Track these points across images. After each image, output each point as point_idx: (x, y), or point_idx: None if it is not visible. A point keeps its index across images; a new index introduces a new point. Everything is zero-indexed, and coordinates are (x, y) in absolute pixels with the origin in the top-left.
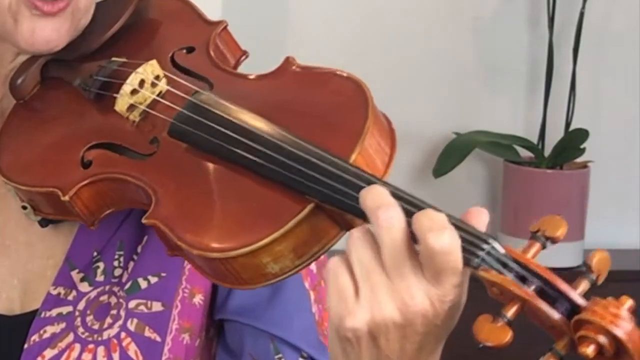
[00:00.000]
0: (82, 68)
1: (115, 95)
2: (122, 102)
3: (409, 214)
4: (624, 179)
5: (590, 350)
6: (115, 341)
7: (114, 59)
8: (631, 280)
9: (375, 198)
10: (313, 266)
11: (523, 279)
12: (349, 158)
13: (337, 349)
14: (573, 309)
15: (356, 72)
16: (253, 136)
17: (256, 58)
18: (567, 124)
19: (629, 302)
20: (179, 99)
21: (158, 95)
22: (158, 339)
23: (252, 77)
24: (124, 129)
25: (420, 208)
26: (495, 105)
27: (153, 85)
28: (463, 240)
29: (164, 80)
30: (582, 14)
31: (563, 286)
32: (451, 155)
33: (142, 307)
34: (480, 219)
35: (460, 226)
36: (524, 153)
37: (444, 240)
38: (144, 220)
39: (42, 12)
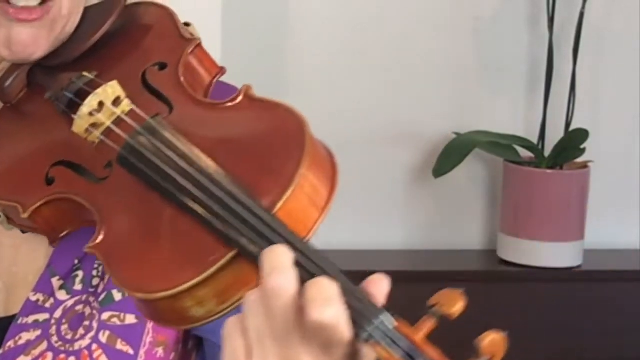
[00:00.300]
0: (59, 78)
1: (74, 116)
2: (79, 124)
3: (305, 280)
4: (624, 179)
5: None
6: (86, 352)
7: (84, 73)
8: (631, 280)
9: (270, 261)
10: None
11: (412, 358)
12: (275, 206)
13: None
14: None
15: (356, 71)
16: (187, 176)
17: (256, 58)
18: (567, 124)
19: None
20: (140, 120)
21: (118, 117)
22: (131, 351)
23: (209, 105)
24: (85, 149)
25: (326, 274)
26: (495, 105)
27: (116, 105)
28: (354, 312)
29: (126, 101)
30: (582, 14)
31: None
32: (451, 155)
33: (115, 320)
34: (380, 288)
35: (355, 296)
36: (524, 153)
37: (326, 314)
38: (85, 249)
39: (17, 20)
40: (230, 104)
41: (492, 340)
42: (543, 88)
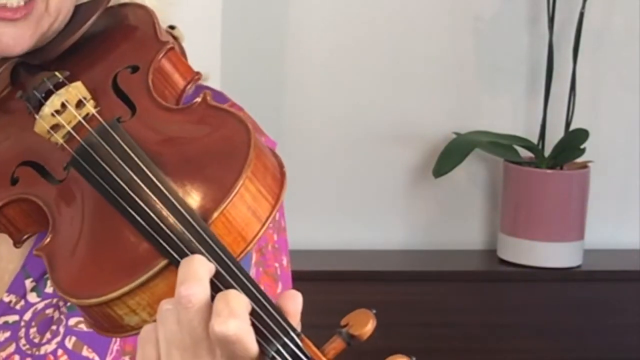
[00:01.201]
0: (36, 77)
1: (36, 116)
2: (40, 124)
3: (217, 291)
4: (624, 179)
5: None
6: (51, 357)
7: (56, 73)
8: (631, 280)
9: (185, 270)
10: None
11: None
12: (211, 216)
13: None
14: None
15: (356, 71)
16: (128, 183)
17: (256, 58)
18: (567, 124)
19: None
20: (87, 133)
21: (78, 120)
22: (97, 359)
23: (169, 109)
24: (47, 150)
25: (242, 288)
26: (495, 105)
27: (79, 107)
28: (262, 328)
29: (90, 103)
30: (582, 14)
31: None
32: (451, 155)
33: (82, 325)
34: (294, 304)
35: (267, 313)
36: (524, 153)
37: (228, 328)
38: (35, 252)
39: (0, 18)
40: (189, 109)
41: (356, 314)
42: (543, 88)
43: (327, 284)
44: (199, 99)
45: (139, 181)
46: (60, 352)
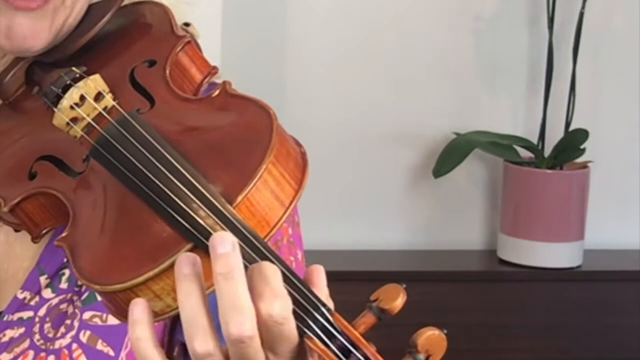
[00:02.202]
0: (50, 74)
1: (55, 109)
2: (59, 117)
3: (249, 262)
4: (624, 179)
5: None
6: (66, 351)
7: (73, 68)
8: (631, 280)
9: (222, 265)
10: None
11: (347, 353)
12: (235, 200)
13: None
14: None
15: (356, 72)
16: (152, 170)
17: (256, 58)
18: (567, 124)
19: None
20: (118, 115)
21: (98, 112)
22: (112, 353)
23: (191, 100)
24: (67, 143)
25: (262, 258)
26: (495, 105)
27: (98, 100)
28: (294, 303)
29: (108, 96)
30: (582, 14)
31: None
32: (451, 155)
33: (96, 319)
34: (320, 277)
35: (295, 288)
36: (524, 153)
37: (273, 308)
38: (55, 243)
39: (16, 7)
40: (208, 99)
41: (429, 337)
42: (543, 88)
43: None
44: (218, 89)
45: (161, 167)
46: (74, 346)
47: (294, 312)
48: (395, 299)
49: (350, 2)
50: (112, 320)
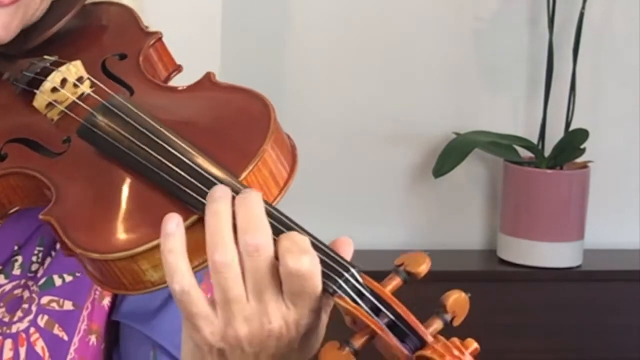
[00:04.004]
0: (18, 63)
1: (36, 91)
2: (40, 99)
3: (276, 234)
4: (624, 179)
5: None
6: (23, 335)
7: (45, 57)
8: (631, 280)
9: (247, 216)
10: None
11: (377, 311)
12: (239, 176)
13: (188, 356)
14: (421, 347)
15: (356, 71)
16: (148, 142)
17: (256, 58)
18: (567, 124)
19: (473, 346)
20: (97, 102)
21: (79, 97)
22: (65, 337)
23: (171, 89)
24: (41, 126)
25: (289, 228)
26: (495, 105)
27: (75, 86)
28: (324, 264)
29: (87, 83)
30: (582, 14)
31: (414, 323)
32: (451, 155)
33: (53, 304)
34: (346, 249)
35: (323, 251)
36: (524, 153)
37: (303, 264)
38: (40, 216)
39: None
40: (191, 87)
41: (457, 299)
42: (543, 88)
43: None
44: (202, 79)
45: (160, 142)
46: (32, 330)
47: (325, 274)
48: (421, 264)
49: (350, 2)
50: (68, 306)
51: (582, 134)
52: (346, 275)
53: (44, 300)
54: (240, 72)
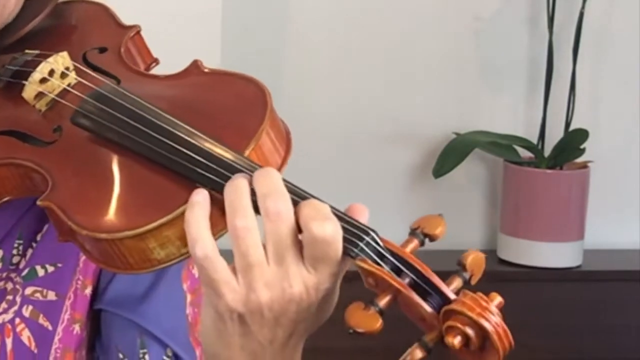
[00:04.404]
0: (1, 58)
1: (24, 82)
2: (30, 90)
3: (294, 204)
4: (624, 179)
5: (456, 341)
6: (9, 326)
7: (27, 51)
8: (631, 280)
9: (267, 184)
10: (195, 270)
11: (398, 272)
12: (242, 154)
13: (210, 328)
14: (444, 304)
15: (356, 71)
16: (150, 124)
17: (256, 58)
18: (567, 124)
19: (498, 299)
20: (86, 90)
21: (71, 82)
22: (50, 327)
23: (158, 77)
24: (30, 117)
25: (305, 199)
26: (495, 105)
27: (63, 75)
28: (344, 230)
29: (73, 72)
30: (582, 14)
31: (436, 280)
32: (451, 155)
33: (37, 295)
34: (363, 214)
35: (342, 217)
36: (524, 153)
37: (326, 229)
38: (38, 202)
39: None
40: (179, 74)
41: (475, 258)
42: (543, 88)
43: None
44: (190, 66)
45: (160, 123)
46: (17, 320)
47: (346, 239)
48: (438, 227)
49: (351, 2)
50: (51, 296)
51: (582, 134)
52: (367, 238)
53: (28, 291)
54: (240, 72)
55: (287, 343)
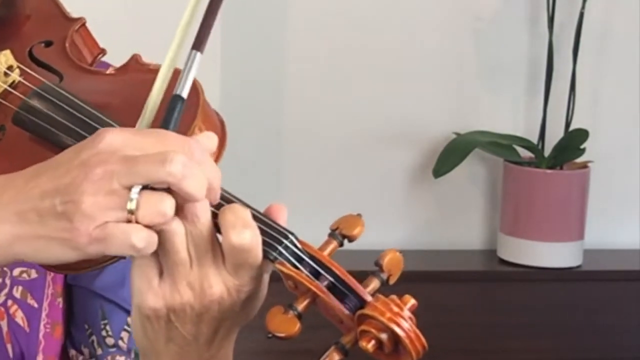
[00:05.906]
0: None
1: None
2: None
3: (217, 207)
4: (624, 179)
5: (370, 345)
6: (2, 309)
7: None
8: (631, 280)
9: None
10: None
11: (316, 275)
12: None
13: (138, 326)
14: (361, 306)
15: (356, 71)
16: (84, 125)
17: (256, 58)
18: (567, 124)
19: (411, 302)
20: (28, 90)
21: (10, 85)
22: (36, 305)
23: (100, 72)
24: None
25: (229, 201)
26: (495, 105)
27: (6, 75)
28: (263, 233)
29: (17, 71)
30: (582, 14)
31: (352, 283)
32: (451, 155)
33: (24, 275)
34: (281, 215)
35: (262, 220)
36: (524, 153)
37: (244, 238)
38: None
39: None
40: (118, 70)
41: (392, 259)
42: (543, 88)
43: None
44: (129, 61)
45: (91, 122)
46: (10, 302)
47: (265, 242)
48: (356, 227)
49: (350, 2)
50: (34, 275)
51: (582, 134)
52: (285, 242)
53: (16, 272)
54: (240, 73)
55: (212, 339)
